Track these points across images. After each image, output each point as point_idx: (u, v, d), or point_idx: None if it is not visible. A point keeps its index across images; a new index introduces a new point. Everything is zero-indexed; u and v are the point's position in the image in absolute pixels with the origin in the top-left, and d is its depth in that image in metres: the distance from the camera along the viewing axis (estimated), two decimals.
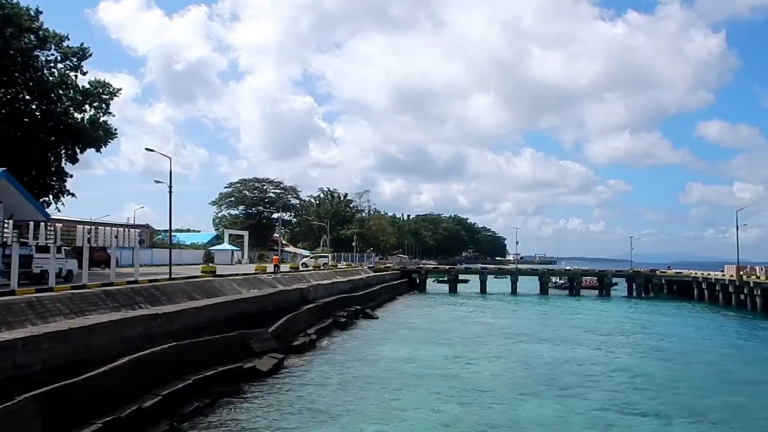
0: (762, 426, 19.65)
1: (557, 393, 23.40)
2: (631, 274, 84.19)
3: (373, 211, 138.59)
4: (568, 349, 34.75)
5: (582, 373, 27.61)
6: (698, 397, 23.44)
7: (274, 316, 31.06)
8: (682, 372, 28.62)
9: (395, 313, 53.43)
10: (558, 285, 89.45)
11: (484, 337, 39.23)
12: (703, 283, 73.27)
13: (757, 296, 59.56)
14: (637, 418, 20.11)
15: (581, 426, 19.00)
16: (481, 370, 27.86)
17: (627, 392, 23.85)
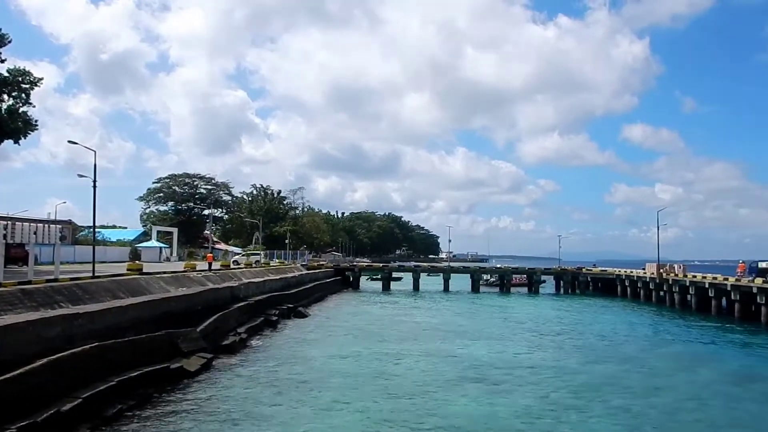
0: (678, 417, 20.60)
1: (487, 389, 23.87)
2: (558, 272, 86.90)
3: (307, 208, 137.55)
4: (498, 345, 35.51)
5: (511, 369, 28.26)
6: (619, 390, 24.36)
7: (204, 315, 30.38)
8: (604, 366, 29.70)
9: (328, 311, 53.26)
10: (489, 283, 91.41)
11: (415, 334, 39.61)
12: (626, 281, 76.56)
13: (675, 293, 62.69)
14: (563, 412, 20.71)
15: (510, 421, 19.43)
16: (413, 368, 28.11)
17: (553, 387, 24.56)
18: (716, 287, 55.16)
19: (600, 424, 19.34)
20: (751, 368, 30.27)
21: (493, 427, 18.76)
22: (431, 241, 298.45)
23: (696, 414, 21.02)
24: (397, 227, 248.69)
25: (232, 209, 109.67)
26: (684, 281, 61.40)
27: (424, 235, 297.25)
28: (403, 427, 18.67)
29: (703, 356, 33.75)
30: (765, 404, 22.83)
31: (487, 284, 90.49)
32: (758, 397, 24.02)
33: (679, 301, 61.61)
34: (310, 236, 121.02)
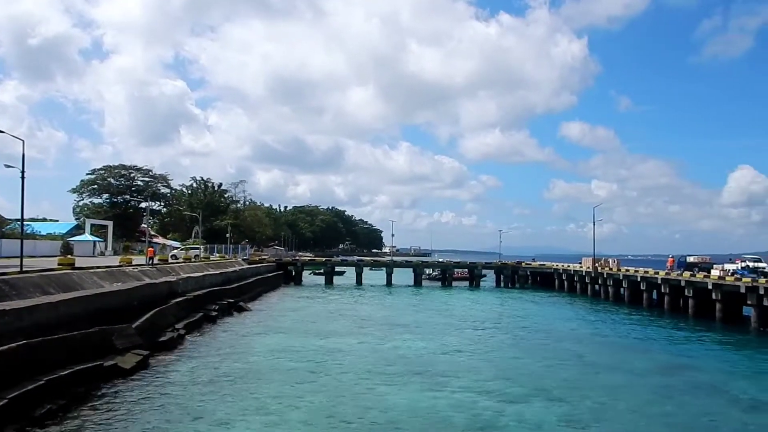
0: (612, 407, 21.29)
1: (428, 382, 24.07)
2: (499, 266, 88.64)
3: (249, 201, 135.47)
4: (439, 339, 35.93)
5: (452, 362, 28.65)
6: (556, 381, 24.98)
7: (140, 311, 29.49)
8: (542, 358, 30.45)
9: (270, 306, 52.68)
10: (431, 276, 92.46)
11: (357, 328, 39.64)
12: (563, 275, 78.80)
13: (609, 286, 64.96)
14: (502, 403, 21.10)
15: (450, 414, 19.65)
16: (354, 362, 28.09)
17: (493, 379, 25.01)
18: (647, 281, 57.39)
19: (538, 414, 19.78)
20: (679, 358, 31.63)
21: (434, 420, 18.93)
22: (374, 236, 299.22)
23: (628, 403, 21.75)
24: (340, 221, 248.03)
25: (170, 202, 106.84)
26: (618, 275, 63.65)
27: (367, 229, 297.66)
28: (343, 421, 18.63)
29: (635, 347, 35.06)
30: (691, 393, 23.82)
31: (429, 278, 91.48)
32: (685, 386, 25.08)
33: (613, 294, 63.89)
34: (252, 230, 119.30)
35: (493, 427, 18.33)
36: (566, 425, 18.74)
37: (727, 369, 29.00)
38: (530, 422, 18.92)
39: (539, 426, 18.56)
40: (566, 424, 18.80)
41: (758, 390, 24.44)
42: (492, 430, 18.06)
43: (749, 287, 42.41)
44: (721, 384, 25.55)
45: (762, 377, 27.41)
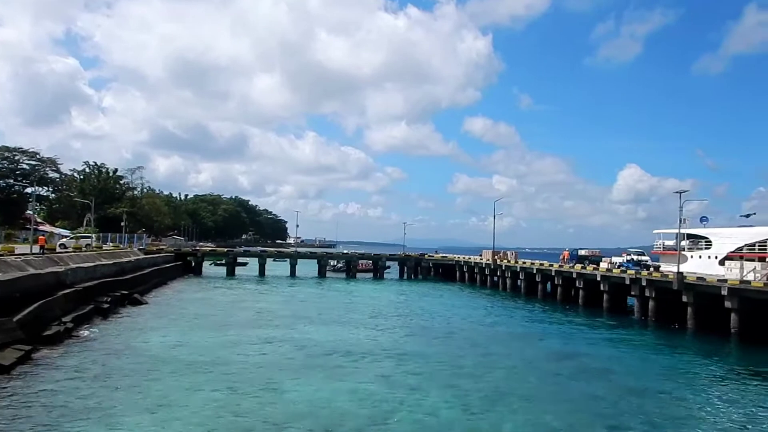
0: (506, 393, 22.03)
1: (330, 374, 23.99)
2: (403, 257, 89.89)
3: (147, 189, 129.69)
4: (342, 330, 35.93)
5: (354, 353, 28.67)
6: (455, 369, 25.67)
7: (23, 303, 27.44)
8: (442, 347, 31.19)
9: (167, 298, 50.69)
10: (336, 268, 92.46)
11: (259, 321, 38.93)
12: (464, 266, 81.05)
13: (507, 278, 67.48)
14: (403, 392, 21.37)
15: (351, 405, 19.66)
16: (255, 355, 27.54)
17: (394, 369, 25.31)
18: (542, 273, 60.07)
19: (435, 402, 20.18)
20: (569, 346, 33.29)
21: (335, 411, 18.86)
22: (279, 226, 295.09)
23: (520, 388, 22.65)
24: (244, 211, 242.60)
25: (60, 188, 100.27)
26: (515, 267, 66.21)
27: (272, 219, 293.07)
28: (240, 415, 18.17)
29: (529, 336, 36.59)
30: (579, 378, 25.16)
31: (334, 270, 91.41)
32: (573, 371, 26.48)
33: (511, 285, 66.44)
34: (150, 219, 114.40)
35: (392, 416, 18.50)
36: (462, 411, 19.24)
37: (611, 355, 30.84)
38: (428, 410, 19.27)
39: (436, 413, 18.93)
40: (461, 411, 19.31)
41: (638, 375, 26.19)
42: (391, 419, 18.22)
43: (633, 279, 45.29)
44: (606, 369, 27.16)
45: (642, 363, 29.33)
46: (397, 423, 17.90)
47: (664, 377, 25.95)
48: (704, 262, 53.01)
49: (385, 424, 17.70)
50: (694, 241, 56.67)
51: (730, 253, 50.24)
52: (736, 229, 53.48)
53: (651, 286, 43.37)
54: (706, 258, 53.59)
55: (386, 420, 18.11)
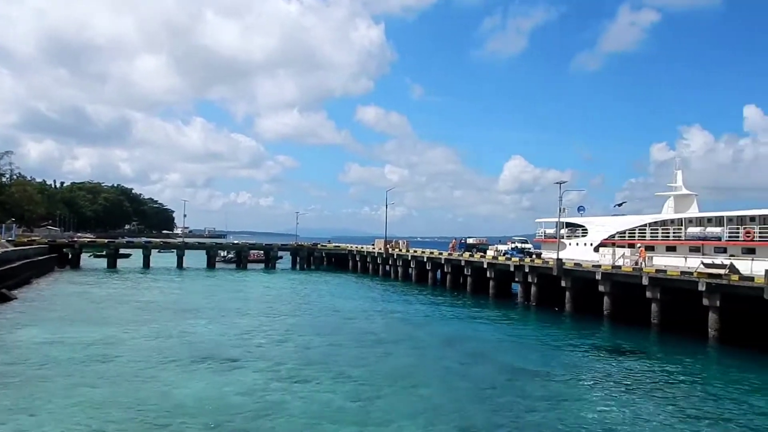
0: (396, 379, 22.30)
1: (218, 368, 23.24)
2: (295, 247, 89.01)
3: (17, 176, 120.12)
4: (232, 322, 35.00)
5: (244, 345, 27.99)
6: (347, 358, 25.68)
7: None
8: (333, 337, 31.10)
9: (40, 292, 47.13)
10: (226, 259, 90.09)
11: (143, 315, 37.08)
12: (357, 256, 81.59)
13: (399, 266, 68.62)
14: (293, 384, 21.10)
15: (240, 399, 19.12)
16: (137, 351, 26.15)
17: (285, 361, 24.90)
18: (433, 261, 61.59)
19: (327, 393, 20.07)
20: (457, 331, 34.30)
21: (224, 406, 18.26)
22: (165, 216, 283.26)
23: (411, 374, 23.03)
24: (127, 200, 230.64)
25: None
26: (406, 256, 67.44)
27: (157, 209, 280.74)
28: (122, 415, 17.12)
29: (419, 323, 37.35)
30: (466, 362, 25.97)
31: (224, 260, 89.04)
32: (461, 356, 27.31)
33: (402, 273, 67.64)
34: (21, 208, 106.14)
35: (282, 409, 18.17)
36: (353, 401, 19.24)
37: (497, 338, 32.11)
38: (319, 400, 19.12)
39: (327, 403, 18.81)
40: (353, 400, 19.31)
41: (521, 356, 27.38)
42: (281, 412, 17.88)
43: (517, 266, 47.42)
44: (491, 352, 28.23)
45: (524, 345, 30.70)
46: (288, 414, 17.61)
47: (545, 357, 27.33)
48: (581, 249, 56.43)
49: (276, 417, 17.35)
50: (572, 229, 60.18)
51: (603, 241, 53.81)
52: (609, 218, 57.33)
53: (533, 272, 45.57)
54: (582, 245, 57.07)
55: (277, 412, 17.76)
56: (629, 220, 53.88)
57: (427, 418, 17.63)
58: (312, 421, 17.11)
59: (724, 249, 42.53)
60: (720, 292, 30.80)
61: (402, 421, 17.32)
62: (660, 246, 48.73)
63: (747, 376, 24.34)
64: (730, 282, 30.44)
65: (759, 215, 41.48)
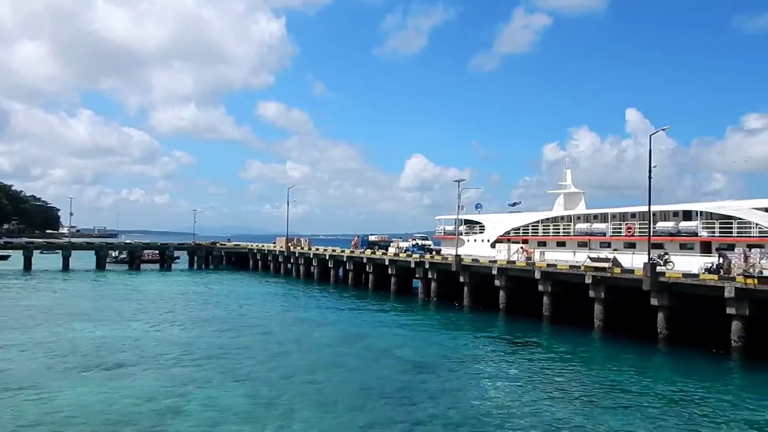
0: (296, 378, 22.04)
1: (108, 374, 22.05)
2: (193, 246, 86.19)
3: None
4: (123, 326, 33.35)
5: (136, 349, 26.74)
6: (246, 358, 25.12)
7: None
8: (232, 337, 30.38)
9: None
10: (117, 259, 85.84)
11: (24, 320, 34.53)
12: (258, 254, 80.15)
13: (301, 265, 68.01)
14: (188, 387, 20.36)
15: (130, 404, 18.20)
16: (18, 359, 24.34)
17: (180, 363, 24.05)
18: (335, 258, 61.51)
19: (225, 395, 19.51)
20: (358, 328, 34.43)
21: (114, 414, 17.29)
22: (50, 215, 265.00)
23: (309, 373, 22.84)
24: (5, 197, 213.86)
25: None
26: (308, 254, 66.97)
27: (40, 207, 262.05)
28: None
29: (320, 321, 37.18)
30: (366, 358, 26.13)
31: (115, 261, 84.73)
32: (361, 352, 27.49)
33: (304, 272, 67.13)
34: None
35: (178, 414, 17.46)
36: (252, 402, 18.80)
37: (397, 334, 32.53)
38: (216, 404, 18.54)
39: (225, 407, 18.26)
40: (252, 402, 18.87)
41: (421, 351, 27.87)
42: (177, 417, 17.17)
43: (417, 262, 48.24)
44: (392, 347, 28.56)
45: (425, 340, 31.26)
46: (184, 420, 16.93)
47: (444, 351, 27.95)
48: (479, 245, 58.31)
49: (172, 423, 16.63)
50: (470, 226, 62.07)
51: (499, 237, 55.86)
52: (504, 215, 59.61)
53: (433, 268, 46.53)
54: (480, 242, 59.00)
55: (173, 418, 17.03)
56: (523, 217, 56.25)
57: (328, 416, 17.53)
58: (209, 425, 16.55)
59: (609, 244, 45.33)
60: (604, 284, 32.76)
61: (302, 419, 17.11)
62: (551, 242, 51.21)
63: (628, 360, 26.04)
64: (613, 275, 32.42)
65: (639, 212, 44.47)
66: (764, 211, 36.60)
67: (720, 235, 38.71)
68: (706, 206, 41.15)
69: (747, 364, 25.47)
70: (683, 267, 33.48)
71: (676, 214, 43.37)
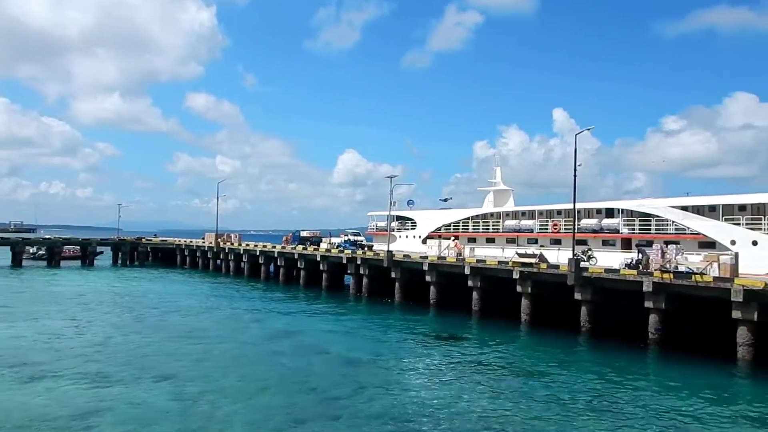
0: (222, 376, 21.53)
1: (23, 376, 20.93)
2: (117, 242, 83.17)
3: None
4: (39, 325, 31.77)
5: (54, 350, 25.50)
6: (169, 357, 24.42)
7: None
8: (157, 335, 29.44)
9: None
10: (36, 255, 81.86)
11: None
12: (186, 250, 78.17)
13: (231, 261, 66.70)
14: (109, 387, 19.61)
15: (49, 407, 17.34)
16: None
17: (100, 363, 23.10)
18: (266, 254, 60.64)
19: (150, 395, 18.87)
20: (289, 325, 34.03)
21: (27, 416, 16.40)
22: None
23: (238, 371, 22.41)
24: None
25: None
26: (238, 250, 65.74)
27: None
28: None
29: (250, 318, 36.58)
30: (297, 355, 25.84)
31: (33, 257, 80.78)
32: (292, 349, 27.17)
33: (234, 268, 65.90)
34: None
35: (99, 416, 16.71)
36: (176, 401, 18.28)
37: (329, 330, 32.44)
38: (139, 404, 17.90)
39: (149, 407, 17.66)
40: (176, 400, 18.34)
41: (353, 347, 27.83)
42: (97, 420, 16.43)
43: (349, 258, 48.13)
44: (324, 344, 28.41)
45: (356, 336, 31.23)
46: (105, 422, 16.21)
47: (375, 347, 28.03)
48: (411, 241, 58.75)
49: (92, 426, 15.86)
50: (402, 222, 62.44)
51: (431, 233, 56.44)
52: (436, 212, 60.31)
53: (365, 264, 46.53)
54: (412, 237, 59.44)
55: (93, 420, 16.26)
56: (454, 214, 57.04)
57: (257, 414, 17.21)
58: (133, 426, 15.91)
59: (536, 240, 46.55)
60: (531, 279, 33.60)
61: (228, 418, 16.72)
62: (481, 238, 52.15)
63: (552, 353, 26.83)
64: (540, 270, 33.29)
65: (564, 209, 45.88)
66: (680, 209, 38.40)
67: (639, 232, 40.39)
68: (627, 204, 42.83)
69: (663, 354, 26.70)
70: (605, 262, 34.73)
71: (599, 211, 44.99)
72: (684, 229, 37.57)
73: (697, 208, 38.02)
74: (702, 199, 38.67)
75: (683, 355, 25.80)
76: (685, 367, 24.42)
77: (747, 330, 24.71)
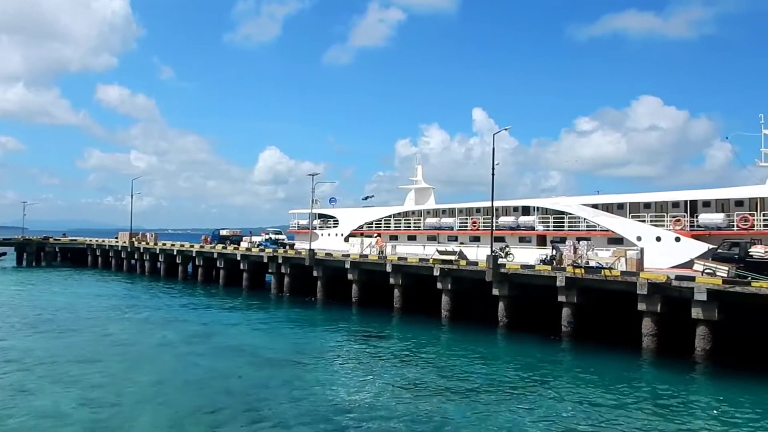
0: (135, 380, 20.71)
1: None
2: (21, 242, 78.78)
3: None
4: None
5: None
6: (84, 362, 23.25)
7: None
8: (62, 340, 28.04)
9: None
10: None
11: None
12: (98, 250, 74.83)
13: (146, 261, 64.35)
14: (18, 396, 18.48)
15: None
16: None
17: (6, 371, 21.68)
18: (183, 254, 58.88)
19: (58, 402, 17.87)
20: (208, 326, 33.17)
21: None
22: None
23: (152, 374, 21.59)
24: None
25: None
26: (154, 249, 63.54)
27: None
28: None
29: (166, 320, 35.34)
30: (215, 357, 25.13)
31: None
32: (210, 350, 26.44)
33: (150, 268, 63.64)
34: None
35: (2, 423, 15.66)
36: (87, 408, 17.42)
37: (249, 331, 31.85)
38: (47, 411, 16.92)
39: (57, 414, 16.71)
40: (87, 407, 17.49)
41: (273, 348, 27.42)
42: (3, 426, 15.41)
43: (270, 257, 47.43)
44: (243, 345, 27.83)
45: (277, 336, 30.78)
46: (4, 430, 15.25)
47: (297, 346, 27.71)
48: (333, 239, 58.55)
49: None
50: (324, 220, 62.15)
51: (353, 231, 56.47)
52: (358, 210, 60.37)
53: (286, 263, 45.99)
54: (334, 236, 59.26)
55: None
56: (376, 212, 57.30)
57: (170, 418, 16.60)
58: None
59: (456, 237, 47.44)
60: (451, 276, 34.20)
61: (142, 424, 16.04)
62: (402, 235, 52.65)
63: (472, 348, 27.40)
64: (459, 267, 33.93)
65: (483, 207, 46.96)
66: (591, 207, 40.15)
67: (554, 229, 41.93)
68: (542, 202, 44.36)
69: (575, 346, 27.80)
70: (522, 259, 35.83)
71: (516, 209, 46.38)
72: (595, 226, 39.32)
73: (606, 205, 39.88)
74: (611, 197, 40.62)
75: (594, 346, 26.96)
76: (595, 357, 25.54)
77: (651, 321, 26.13)
